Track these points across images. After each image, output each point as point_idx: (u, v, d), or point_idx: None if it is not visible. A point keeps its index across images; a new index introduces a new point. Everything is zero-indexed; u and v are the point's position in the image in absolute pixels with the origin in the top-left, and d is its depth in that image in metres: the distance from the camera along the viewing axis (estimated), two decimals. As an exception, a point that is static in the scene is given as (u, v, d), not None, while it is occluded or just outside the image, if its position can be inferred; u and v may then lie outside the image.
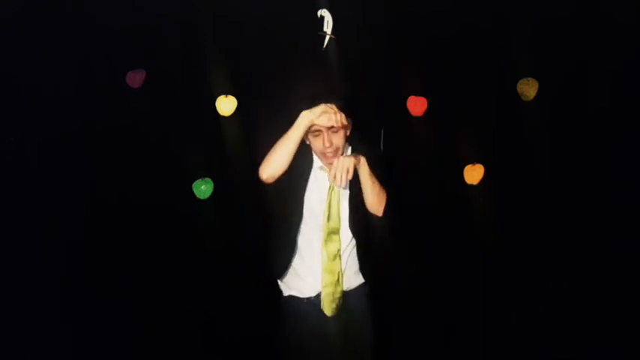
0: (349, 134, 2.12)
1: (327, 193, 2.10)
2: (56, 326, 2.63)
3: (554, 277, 2.79)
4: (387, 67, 2.74)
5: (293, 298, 2.17)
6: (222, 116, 2.72)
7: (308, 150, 2.12)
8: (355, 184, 2.10)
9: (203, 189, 2.74)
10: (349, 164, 1.94)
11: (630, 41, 2.63)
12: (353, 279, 2.18)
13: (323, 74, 2.62)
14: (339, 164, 1.94)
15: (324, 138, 2.01)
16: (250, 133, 2.70)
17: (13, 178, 2.62)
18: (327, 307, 2.12)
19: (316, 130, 2.02)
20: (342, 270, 2.12)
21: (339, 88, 2.39)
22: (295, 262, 2.16)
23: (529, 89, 2.72)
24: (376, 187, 2.04)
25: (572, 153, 2.76)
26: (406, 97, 2.76)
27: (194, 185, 2.73)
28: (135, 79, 2.70)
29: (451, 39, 2.69)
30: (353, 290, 2.18)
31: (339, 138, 2.04)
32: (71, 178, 2.67)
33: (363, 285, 2.22)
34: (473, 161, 2.77)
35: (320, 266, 2.11)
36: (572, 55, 2.69)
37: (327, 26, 2.65)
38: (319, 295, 2.12)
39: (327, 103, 2.01)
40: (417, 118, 2.77)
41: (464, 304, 2.81)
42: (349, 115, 2.09)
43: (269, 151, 2.03)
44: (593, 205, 2.74)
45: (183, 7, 2.66)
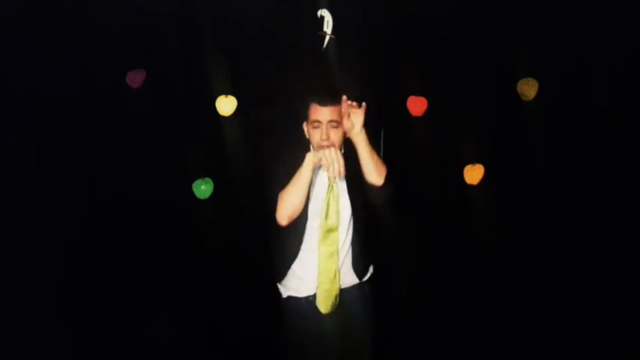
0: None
1: (326, 192, 2.11)
2: (56, 326, 2.63)
3: (554, 277, 2.79)
4: (387, 67, 2.74)
5: (291, 298, 2.18)
6: (222, 116, 2.72)
7: (308, 150, 2.13)
8: (354, 182, 2.11)
9: (203, 189, 2.74)
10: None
11: (630, 41, 2.63)
12: (350, 279, 2.18)
13: (323, 74, 2.62)
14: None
15: (322, 130, 2.03)
16: (250, 133, 2.70)
17: (13, 178, 2.62)
18: (323, 305, 2.12)
19: (316, 121, 2.04)
20: (339, 268, 2.13)
21: (338, 87, 2.39)
22: (295, 265, 2.16)
23: (529, 89, 2.72)
24: (374, 156, 2.05)
25: (572, 153, 2.76)
26: (406, 97, 2.77)
27: (194, 185, 2.73)
28: (135, 79, 2.70)
29: (451, 39, 2.69)
30: (351, 288, 2.19)
31: (337, 134, 2.06)
32: (71, 178, 2.67)
33: (362, 284, 2.22)
34: (473, 161, 2.77)
35: (317, 267, 2.12)
36: (572, 55, 2.69)
37: (327, 26, 2.65)
38: (316, 294, 2.13)
39: (326, 102, 2.03)
40: (417, 118, 2.77)
41: (464, 303, 2.81)
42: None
43: (281, 197, 2.04)
44: (593, 205, 2.74)
45: (183, 7, 2.66)
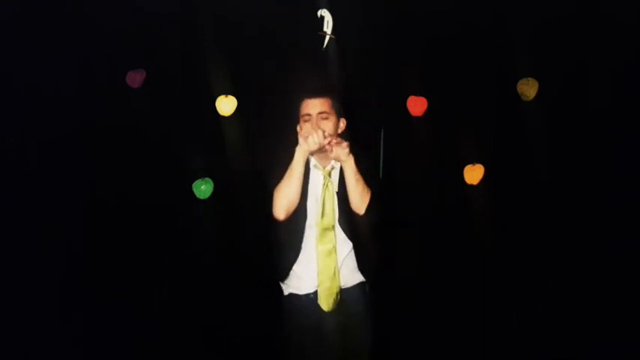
0: (344, 130, 2.16)
1: (321, 190, 2.12)
2: (56, 326, 2.63)
3: (554, 276, 2.79)
4: (387, 67, 2.74)
5: (293, 295, 2.18)
6: (222, 116, 2.72)
7: None
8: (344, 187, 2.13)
9: (203, 189, 2.74)
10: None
11: (630, 41, 2.63)
12: (351, 276, 2.18)
13: (323, 74, 2.62)
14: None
15: (312, 122, 2.06)
16: (250, 133, 2.70)
17: (13, 178, 2.62)
18: (324, 303, 2.13)
19: (306, 115, 2.07)
20: (339, 266, 2.13)
21: (338, 88, 2.40)
22: (296, 266, 2.16)
23: (529, 89, 2.72)
24: (360, 184, 2.08)
25: (572, 153, 2.76)
26: (406, 97, 2.76)
27: (194, 185, 2.73)
28: (135, 79, 2.70)
29: (451, 39, 2.69)
30: (352, 288, 2.19)
31: (327, 126, 2.08)
32: (71, 177, 2.67)
33: (362, 283, 2.22)
34: (473, 161, 2.77)
35: (316, 266, 2.12)
36: (572, 55, 2.69)
37: (327, 26, 2.65)
38: (317, 291, 2.14)
39: (314, 93, 2.08)
40: (417, 118, 2.77)
41: (464, 303, 2.81)
42: (342, 115, 2.15)
43: (276, 192, 2.07)
44: (593, 205, 2.74)
45: (183, 7, 2.67)
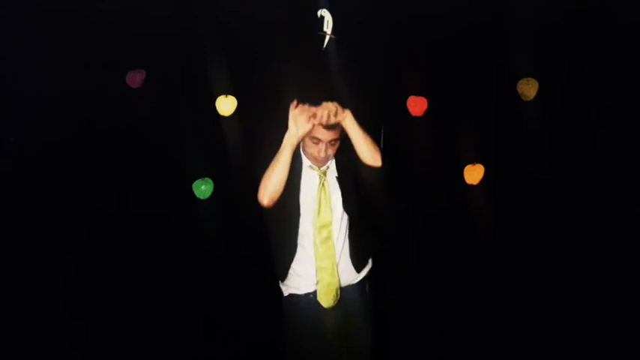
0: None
1: (317, 189, 2.12)
2: (56, 326, 2.63)
3: (553, 276, 2.79)
4: (387, 67, 2.74)
5: (293, 296, 2.18)
6: (222, 116, 2.73)
7: (297, 151, 2.14)
8: (347, 180, 2.13)
9: (203, 189, 2.74)
10: (333, 108, 1.98)
11: (630, 41, 2.63)
12: (348, 273, 2.19)
13: (323, 74, 2.62)
14: (324, 108, 1.97)
15: (321, 149, 2.05)
16: (250, 133, 2.70)
17: (13, 178, 2.63)
18: (324, 299, 2.13)
19: (316, 139, 2.04)
20: (337, 263, 2.14)
21: (338, 88, 2.40)
22: (294, 263, 2.17)
23: (529, 89, 2.72)
24: (367, 137, 2.06)
25: (572, 153, 2.76)
26: (406, 97, 2.77)
27: (194, 185, 2.74)
28: (135, 79, 2.70)
29: (451, 39, 2.69)
30: (351, 287, 2.19)
31: (334, 149, 2.09)
32: (71, 177, 2.68)
33: (362, 281, 2.23)
34: (473, 161, 2.77)
35: (315, 263, 2.13)
36: (572, 55, 2.69)
37: (327, 26, 2.65)
38: (316, 290, 2.14)
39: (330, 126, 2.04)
40: (417, 118, 2.77)
41: (463, 302, 2.81)
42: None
43: (263, 178, 2.05)
44: (593, 205, 2.74)
45: (183, 8, 2.67)
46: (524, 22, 2.65)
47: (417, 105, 2.76)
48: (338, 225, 2.15)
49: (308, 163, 2.15)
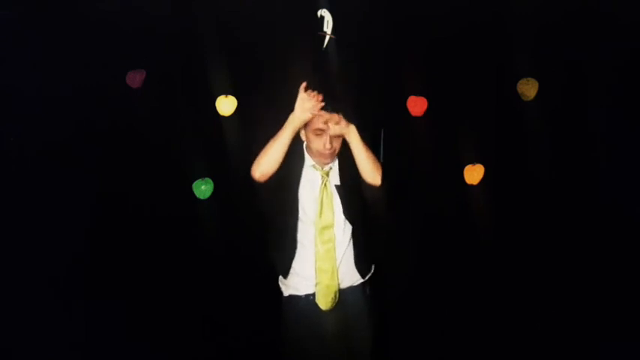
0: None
1: (319, 190, 2.12)
2: (56, 326, 2.63)
3: (553, 276, 2.79)
4: (387, 67, 2.74)
5: (292, 297, 2.18)
6: (222, 116, 2.72)
7: (299, 149, 2.14)
8: (347, 179, 2.12)
9: (203, 189, 2.74)
10: (337, 119, 2.05)
11: (630, 41, 2.63)
12: (350, 276, 2.18)
13: (323, 74, 2.62)
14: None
15: (325, 140, 2.04)
16: (250, 133, 2.70)
17: (13, 178, 2.63)
18: (322, 301, 2.13)
19: (318, 129, 2.04)
20: (338, 265, 2.13)
21: (338, 88, 2.40)
22: (295, 262, 2.16)
23: (529, 89, 2.73)
24: (370, 155, 2.09)
25: (572, 153, 2.76)
26: (406, 97, 2.76)
27: (194, 185, 2.74)
28: (135, 79, 2.70)
29: (451, 39, 2.69)
30: (351, 289, 2.19)
31: (338, 142, 2.10)
32: (71, 177, 2.67)
33: (362, 284, 2.22)
34: (473, 161, 2.77)
35: (315, 265, 2.13)
36: (572, 55, 2.69)
37: (327, 26, 2.65)
38: (315, 292, 2.14)
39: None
40: (417, 118, 2.77)
41: (463, 303, 2.81)
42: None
43: (260, 153, 2.08)
44: (593, 205, 2.74)
45: (183, 8, 2.66)
46: (524, 22, 2.65)
47: (417, 105, 2.76)
48: (341, 228, 2.14)
49: (311, 162, 2.15)
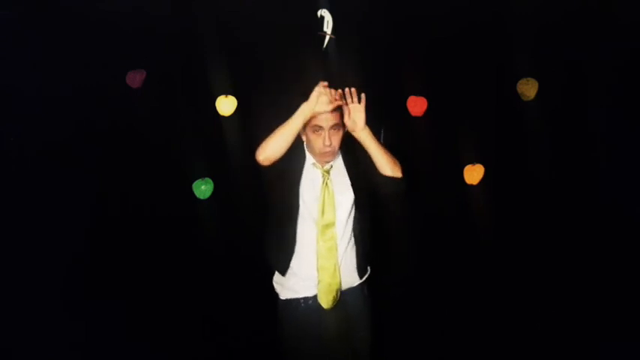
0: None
1: (321, 188, 2.12)
2: (56, 326, 2.63)
3: (553, 276, 2.79)
4: (387, 67, 2.74)
5: (290, 301, 2.17)
6: (222, 116, 2.72)
7: (300, 148, 2.14)
8: (358, 179, 2.13)
9: (203, 189, 2.74)
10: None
11: (630, 41, 2.63)
12: (350, 277, 2.18)
13: (323, 74, 2.62)
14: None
15: (324, 136, 2.04)
16: (250, 133, 2.69)
17: (13, 178, 2.63)
18: (324, 300, 2.12)
19: (317, 126, 2.04)
20: (339, 264, 2.13)
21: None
22: (293, 262, 2.16)
23: (529, 89, 2.73)
24: (384, 149, 2.10)
25: (572, 153, 2.76)
26: (406, 97, 2.76)
27: (194, 185, 2.74)
28: (135, 79, 2.70)
29: (451, 39, 2.69)
30: (350, 290, 2.19)
31: (337, 138, 2.08)
32: (71, 177, 2.68)
33: (361, 285, 2.22)
34: (473, 161, 2.77)
35: (316, 263, 2.12)
36: (572, 55, 2.69)
37: (327, 26, 2.65)
38: (315, 295, 2.13)
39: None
40: (417, 118, 2.77)
41: (463, 303, 2.81)
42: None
43: (268, 138, 2.04)
44: (593, 205, 2.74)
45: (183, 8, 2.67)
46: (524, 22, 2.65)
47: (417, 105, 2.76)
48: (343, 226, 2.14)
49: (312, 160, 2.14)
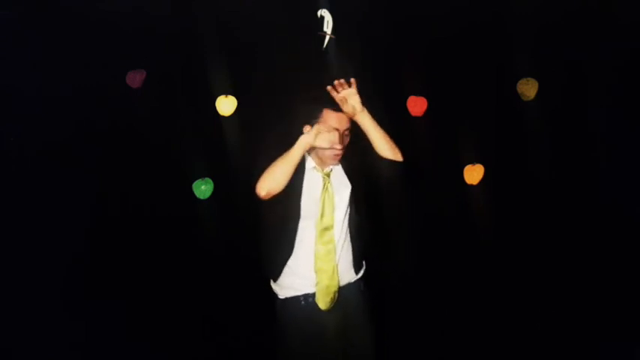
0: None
1: (321, 192, 2.12)
2: (56, 326, 2.63)
3: (553, 276, 2.79)
4: (387, 67, 2.74)
5: (288, 299, 2.17)
6: (222, 116, 2.73)
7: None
8: (355, 178, 2.13)
9: (203, 189, 2.74)
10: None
11: (630, 41, 2.63)
12: (348, 274, 2.19)
13: (323, 74, 2.62)
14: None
15: (339, 137, 2.04)
16: (250, 133, 2.70)
17: (13, 178, 2.63)
18: (322, 301, 2.13)
19: (333, 128, 2.04)
20: (336, 264, 2.14)
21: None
22: (291, 262, 2.16)
23: (529, 89, 2.73)
24: (382, 131, 2.10)
25: (572, 153, 2.76)
26: (406, 97, 2.77)
27: (194, 185, 2.74)
28: (135, 79, 2.70)
29: (451, 39, 2.69)
30: (347, 286, 2.19)
31: (347, 140, 2.10)
32: (71, 177, 2.68)
33: (358, 281, 2.23)
34: (473, 161, 2.77)
35: (314, 265, 2.13)
36: (572, 55, 2.69)
37: (327, 26, 2.65)
38: (314, 293, 2.14)
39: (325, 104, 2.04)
40: (417, 118, 2.77)
41: (462, 302, 2.81)
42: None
43: (267, 170, 2.04)
44: (593, 205, 2.74)
45: (183, 8, 2.67)
46: (524, 22, 2.65)
47: (417, 105, 2.76)
48: (340, 227, 2.15)
49: (312, 164, 2.15)
